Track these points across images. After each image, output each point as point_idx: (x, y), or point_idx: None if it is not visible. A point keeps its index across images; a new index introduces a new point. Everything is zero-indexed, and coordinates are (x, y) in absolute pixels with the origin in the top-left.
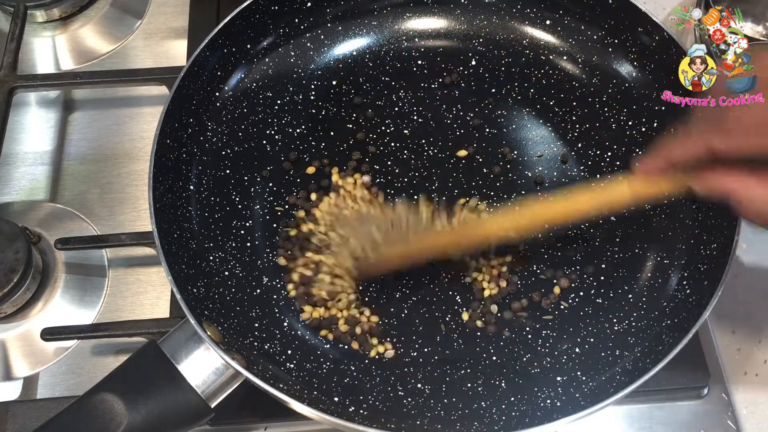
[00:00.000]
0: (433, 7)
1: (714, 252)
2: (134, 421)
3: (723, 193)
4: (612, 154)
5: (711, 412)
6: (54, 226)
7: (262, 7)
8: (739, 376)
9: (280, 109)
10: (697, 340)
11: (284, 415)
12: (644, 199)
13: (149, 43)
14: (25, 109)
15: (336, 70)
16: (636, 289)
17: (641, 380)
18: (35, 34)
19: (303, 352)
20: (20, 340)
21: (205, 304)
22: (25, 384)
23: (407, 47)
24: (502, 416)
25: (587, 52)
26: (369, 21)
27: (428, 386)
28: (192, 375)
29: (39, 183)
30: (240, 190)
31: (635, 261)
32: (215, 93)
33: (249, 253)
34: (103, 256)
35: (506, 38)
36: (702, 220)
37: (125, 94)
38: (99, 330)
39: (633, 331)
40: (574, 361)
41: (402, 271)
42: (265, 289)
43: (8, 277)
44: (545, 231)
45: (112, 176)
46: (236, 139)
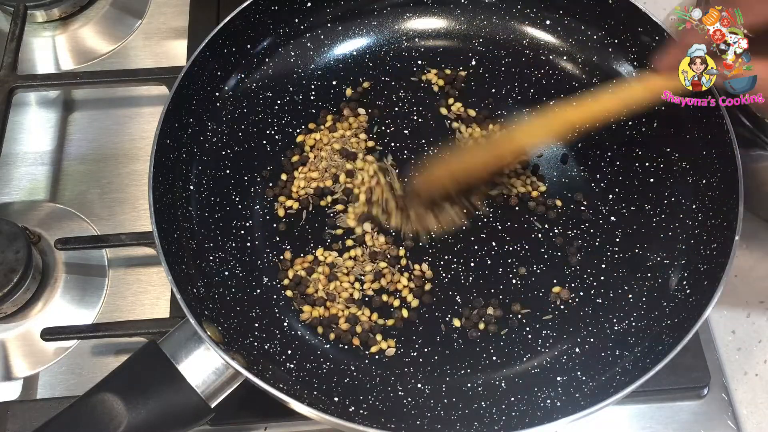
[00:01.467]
0: (433, 7)
1: (714, 252)
2: (134, 421)
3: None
4: (612, 154)
5: (711, 412)
6: (54, 226)
7: (262, 7)
8: (739, 376)
9: (280, 109)
10: (697, 340)
11: (284, 415)
12: (659, 93)
13: (149, 43)
14: (25, 109)
15: (336, 70)
16: (636, 289)
17: (641, 380)
18: (35, 34)
19: (303, 352)
20: (20, 340)
21: (205, 304)
22: (25, 384)
23: (407, 47)
24: (502, 416)
25: (587, 52)
26: (369, 21)
27: (428, 386)
28: (192, 375)
29: (39, 183)
30: (240, 190)
31: (635, 261)
32: (215, 93)
33: (249, 253)
34: (103, 256)
35: (506, 38)
36: (702, 220)
37: (125, 94)
38: (99, 330)
39: (633, 331)
40: (574, 361)
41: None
42: (265, 289)
43: (8, 277)
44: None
45: (112, 176)
46: (236, 139)
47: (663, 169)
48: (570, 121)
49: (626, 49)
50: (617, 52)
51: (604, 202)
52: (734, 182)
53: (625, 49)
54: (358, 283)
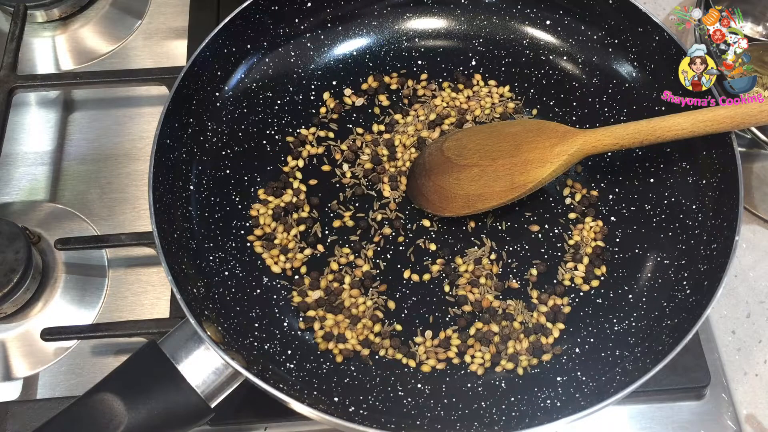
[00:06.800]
0: (433, 7)
1: (714, 252)
2: (134, 421)
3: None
4: (612, 154)
5: (711, 412)
6: (54, 226)
7: (262, 7)
8: (739, 376)
9: (280, 109)
10: (697, 340)
11: (284, 415)
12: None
13: (149, 43)
14: (25, 109)
15: (336, 70)
16: (636, 289)
17: (641, 380)
18: (35, 34)
19: (303, 352)
20: (20, 340)
21: (205, 304)
22: (25, 384)
23: (407, 47)
24: (502, 416)
25: (587, 52)
26: (369, 21)
27: (428, 386)
28: (192, 375)
29: (39, 183)
30: (240, 190)
31: (635, 261)
32: (215, 93)
33: (249, 253)
34: (103, 256)
35: (506, 38)
36: (702, 220)
37: (125, 94)
38: (99, 330)
39: (633, 331)
40: (574, 361)
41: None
42: (265, 289)
43: (8, 277)
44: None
45: (112, 176)
46: (236, 139)
47: (663, 169)
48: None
49: (626, 49)
50: (617, 52)
51: (604, 202)
52: (734, 182)
53: (625, 49)
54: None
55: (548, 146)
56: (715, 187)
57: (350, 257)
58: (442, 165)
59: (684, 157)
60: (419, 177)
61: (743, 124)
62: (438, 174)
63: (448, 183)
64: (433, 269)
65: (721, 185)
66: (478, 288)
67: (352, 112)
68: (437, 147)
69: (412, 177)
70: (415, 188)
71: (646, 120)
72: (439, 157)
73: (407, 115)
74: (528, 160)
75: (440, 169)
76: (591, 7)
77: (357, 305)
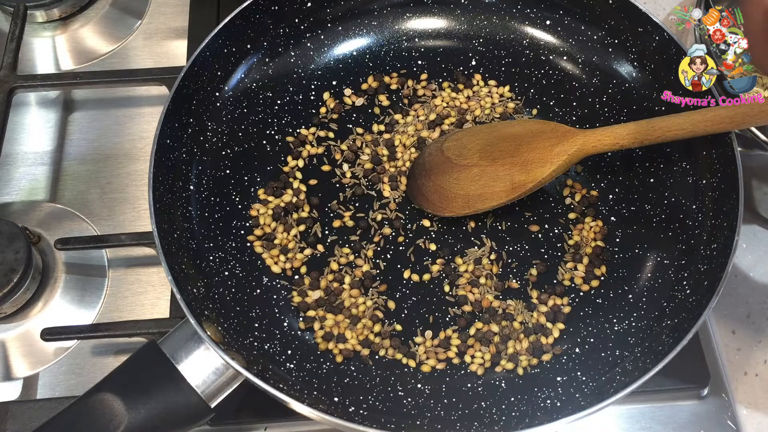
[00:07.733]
0: (433, 7)
1: (714, 252)
2: (134, 421)
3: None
4: (612, 154)
5: (711, 412)
6: (54, 226)
7: (262, 7)
8: (739, 376)
9: (280, 109)
10: (697, 340)
11: (284, 415)
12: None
13: (149, 43)
14: (25, 109)
15: (336, 70)
16: (636, 289)
17: (641, 380)
18: (35, 34)
19: (303, 352)
20: (20, 340)
21: (205, 304)
22: (25, 384)
23: (407, 47)
24: (502, 416)
25: (587, 52)
26: (369, 21)
27: (428, 386)
28: (192, 375)
29: (39, 183)
30: (240, 190)
31: (635, 261)
32: (215, 93)
33: (249, 253)
34: (103, 256)
35: (506, 38)
36: (702, 220)
37: (125, 94)
38: (99, 330)
39: (633, 331)
40: (574, 361)
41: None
42: (265, 289)
43: (8, 277)
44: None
45: (112, 176)
46: (236, 139)
47: (663, 169)
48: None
49: (626, 49)
50: (617, 52)
51: (604, 202)
52: (734, 182)
53: (625, 49)
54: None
55: (548, 146)
56: (715, 187)
57: (350, 257)
58: (442, 165)
59: (684, 157)
60: (419, 177)
61: (743, 124)
62: (438, 174)
63: (448, 183)
64: (433, 269)
65: (721, 185)
66: (478, 288)
67: (352, 112)
68: (437, 147)
69: (412, 177)
70: (415, 188)
71: (646, 120)
72: (439, 157)
73: (407, 115)
74: (528, 160)
75: (440, 169)
76: (591, 7)
77: (357, 305)
